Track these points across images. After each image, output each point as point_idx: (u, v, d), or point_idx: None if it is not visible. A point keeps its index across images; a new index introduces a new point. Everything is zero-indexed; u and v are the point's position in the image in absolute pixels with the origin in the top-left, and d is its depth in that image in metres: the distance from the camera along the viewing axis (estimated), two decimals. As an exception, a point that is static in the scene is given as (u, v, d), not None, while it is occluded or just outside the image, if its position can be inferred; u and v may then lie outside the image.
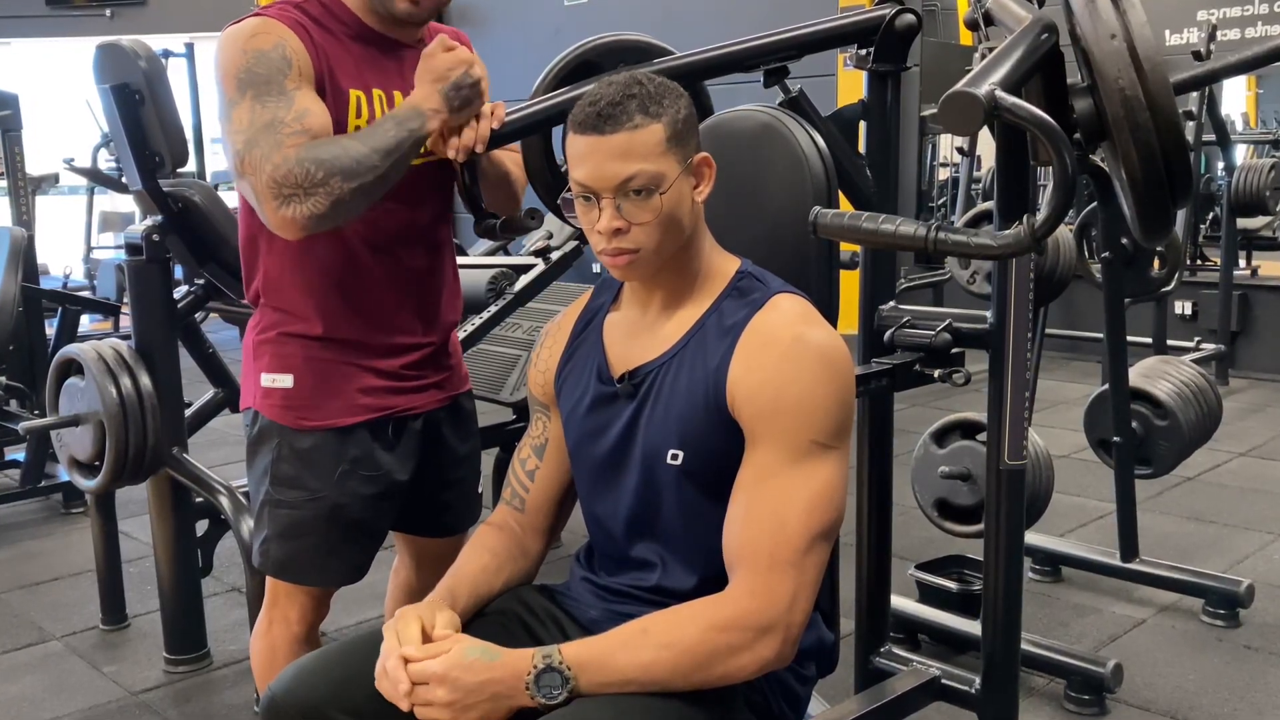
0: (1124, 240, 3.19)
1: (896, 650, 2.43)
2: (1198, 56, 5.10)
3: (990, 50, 1.63)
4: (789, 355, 1.49)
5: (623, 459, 1.60)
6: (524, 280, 3.36)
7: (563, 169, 2.47)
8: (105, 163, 8.27)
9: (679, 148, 1.51)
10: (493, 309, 3.25)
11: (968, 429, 2.92)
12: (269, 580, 2.05)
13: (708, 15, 8.24)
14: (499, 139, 1.97)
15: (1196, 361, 3.91)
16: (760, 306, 1.54)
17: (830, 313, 1.71)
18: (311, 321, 1.93)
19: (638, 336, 1.62)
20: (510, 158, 2.14)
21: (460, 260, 2.43)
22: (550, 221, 3.81)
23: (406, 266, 1.98)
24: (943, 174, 8.52)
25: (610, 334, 1.66)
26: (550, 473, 1.73)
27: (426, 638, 1.47)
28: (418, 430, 2.05)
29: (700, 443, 1.53)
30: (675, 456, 1.53)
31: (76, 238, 9.57)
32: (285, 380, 1.94)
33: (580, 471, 1.68)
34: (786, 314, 1.54)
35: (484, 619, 1.61)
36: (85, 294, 7.10)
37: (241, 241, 1.98)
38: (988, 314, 2.02)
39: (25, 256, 4.53)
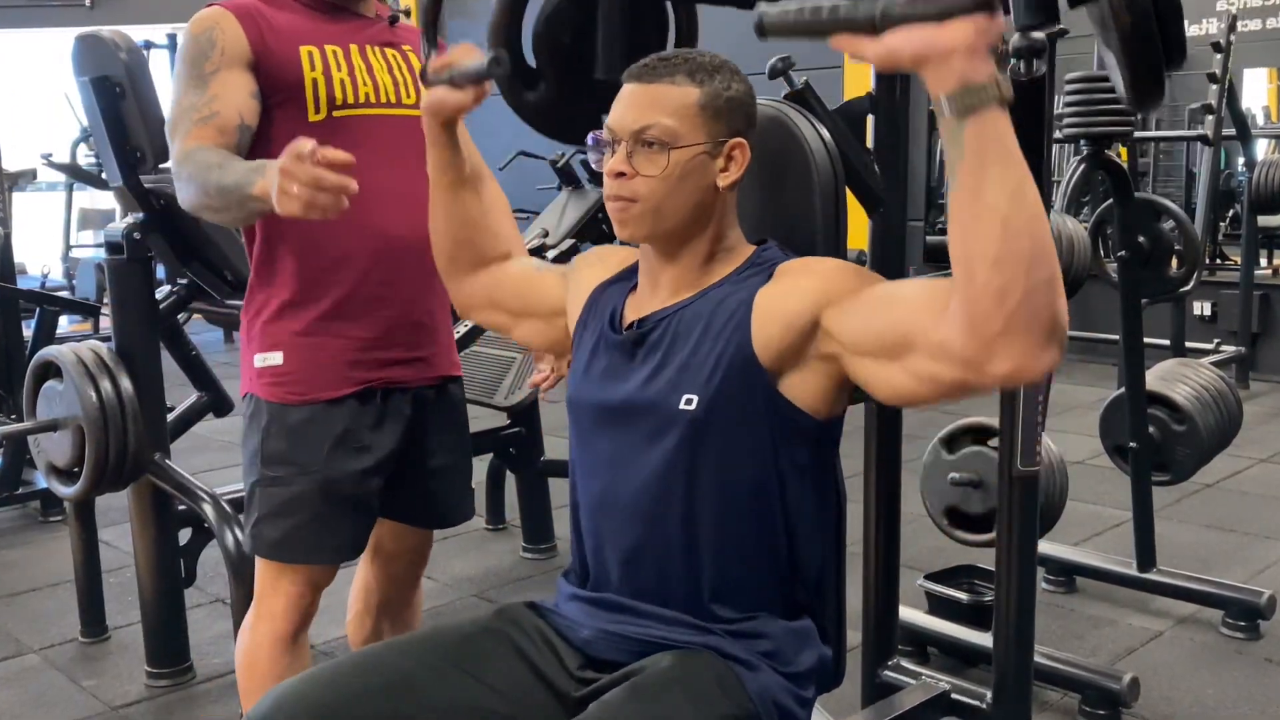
0: (1141, 238, 3.18)
1: (905, 663, 2.52)
2: (1217, 48, 5.05)
3: (1002, 42, 1.59)
4: (813, 265, 1.53)
5: (627, 418, 1.55)
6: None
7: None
8: (85, 158, 8.34)
9: (711, 121, 1.51)
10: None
11: (979, 434, 2.90)
12: (258, 574, 2.07)
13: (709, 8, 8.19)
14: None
15: (1216, 364, 3.90)
16: (782, 260, 1.56)
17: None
18: (293, 292, 1.99)
19: (646, 303, 1.61)
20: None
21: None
22: (546, 219, 3.74)
23: (382, 228, 1.99)
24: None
25: (629, 302, 1.64)
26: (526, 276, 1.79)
27: None
28: (406, 407, 2.07)
29: (716, 387, 1.49)
30: (689, 401, 1.49)
31: (55, 236, 9.57)
32: (275, 358, 2.00)
33: (580, 427, 1.62)
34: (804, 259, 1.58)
35: (472, 636, 1.57)
36: (64, 294, 7.13)
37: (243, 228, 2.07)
38: (1000, 314, 1.99)
39: (1, 255, 4.53)
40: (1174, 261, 4.22)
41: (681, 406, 1.49)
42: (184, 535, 2.99)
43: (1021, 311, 1.20)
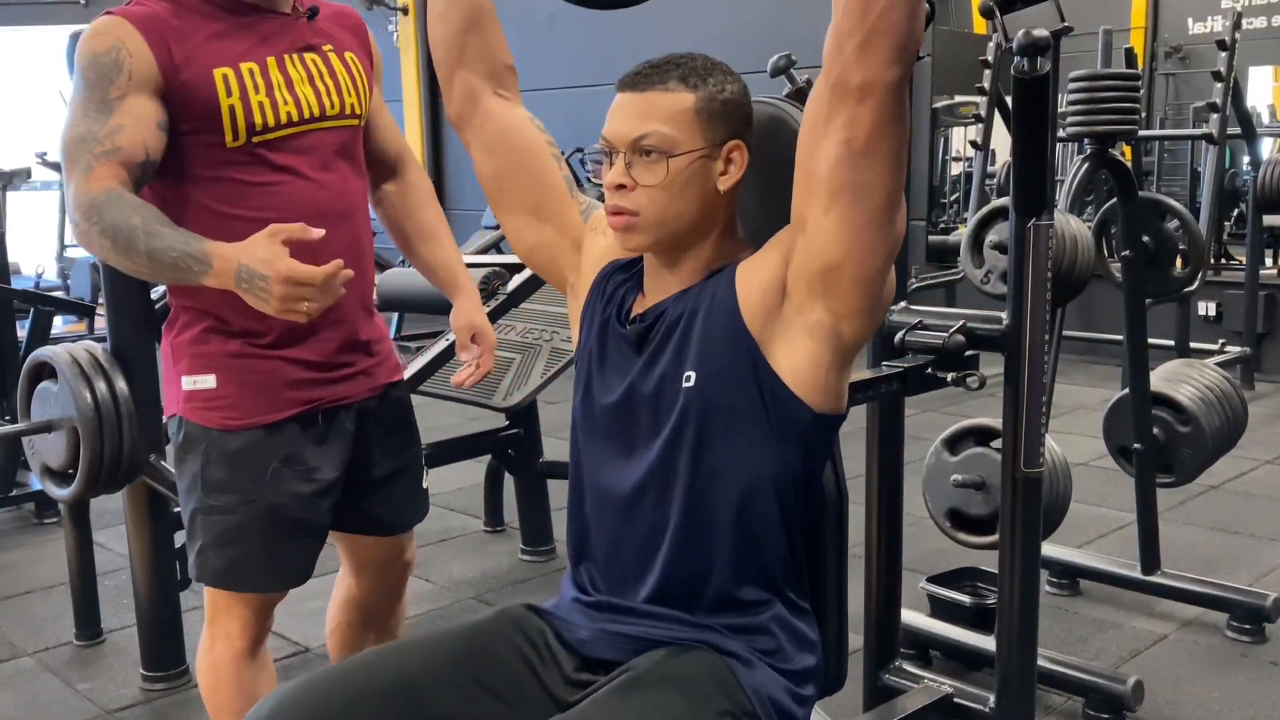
0: (1145, 238, 3.16)
1: (907, 667, 2.53)
2: (1221, 46, 5.02)
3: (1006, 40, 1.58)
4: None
5: (632, 409, 1.56)
6: (518, 280, 3.28)
7: None
8: (79, 157, 8.22)
9: (708, 124, 1.50)
10: (484, 310, 3.15)
11: (982, 435, 2.88)
12: (208, 595, 2.03)
13: (710, 5, 8.16)
14: None
15: (1221, 365, 3.88)
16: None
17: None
18: (225, 314, 1.90)
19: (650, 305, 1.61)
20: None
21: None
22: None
23: (313, 251, 1.87)
24: (955, 168, 8.47)
25: (635, 305, 1.64)
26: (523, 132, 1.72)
27: None
28: (349, 422, 2.02)
29: (710, 359, 1.51)
30: (688, 379, 1.51)
31: (49, 235, 9.52)
32: (207, 381, 1.92)
33: (589, 422, 1.61)
34: None
35: (473, 639, 1.56)
36: (58, 294, 7.05)
37: None
38: (1003, 315, 2.03)
39: (-5, 255, 4.53)
40: (1178, 261, 4.21)
41: (684, 384, 1.50)
42: (179, 537, 2.88)
43: (881, 23, 1.32)
